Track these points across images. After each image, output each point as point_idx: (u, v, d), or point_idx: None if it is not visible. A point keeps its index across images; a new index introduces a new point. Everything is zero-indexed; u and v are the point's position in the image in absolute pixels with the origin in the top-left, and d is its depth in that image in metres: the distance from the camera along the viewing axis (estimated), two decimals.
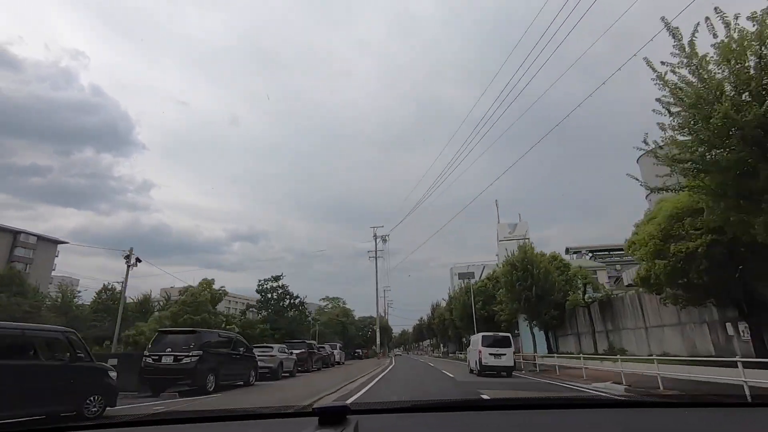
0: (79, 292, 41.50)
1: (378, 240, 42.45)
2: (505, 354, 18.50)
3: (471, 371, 20.98)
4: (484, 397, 9.92)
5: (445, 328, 63.51)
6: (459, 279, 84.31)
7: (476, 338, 20.70)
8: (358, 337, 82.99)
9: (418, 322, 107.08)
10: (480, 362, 18.59)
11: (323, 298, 62.29)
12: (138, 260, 24.86)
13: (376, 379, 17.45)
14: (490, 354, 18.40)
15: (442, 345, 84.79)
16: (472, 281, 46.01)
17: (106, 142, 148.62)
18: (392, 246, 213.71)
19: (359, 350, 60.15)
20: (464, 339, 52.68)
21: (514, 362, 19.44)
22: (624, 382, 12.92)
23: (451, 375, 19.09)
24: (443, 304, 77.39)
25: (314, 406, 1.26)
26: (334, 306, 62.56)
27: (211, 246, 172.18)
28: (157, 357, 12.38)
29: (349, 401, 4.56)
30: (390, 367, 28.12)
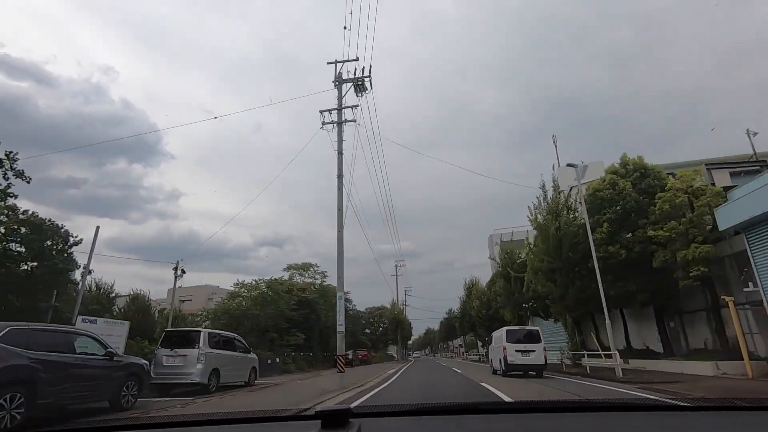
0: None
1: (348, 86, 17.81)
2: (534, 351, 15.88)
3: (494, 372, 18.22)
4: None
5: (493, 314, 38.23)
6: (502, 250, 58.89)
7: (499, 334, 17.83)
8: (361, 334, 58.71)
9: (446, 316, 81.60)
10: (505, 361, 15.96)
11: (287, 267, 37.08)
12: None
13: None
14: (517, 351, 15.93)
15: (479, 343, 59.59)
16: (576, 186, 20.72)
17: (136, 153, 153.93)
18: (414, 249, 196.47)
19: (350, 353, 35.36)
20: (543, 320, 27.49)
21: (546, 360, 15.94)
22: None
23: None
24: (484, 281, 52.07)
25: (317, 409, 1.25)
26: (310, 277, 37.55)
27: (239, 252, 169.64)
28: None
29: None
30: None
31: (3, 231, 11.16)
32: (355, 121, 18.15)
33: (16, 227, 11.37)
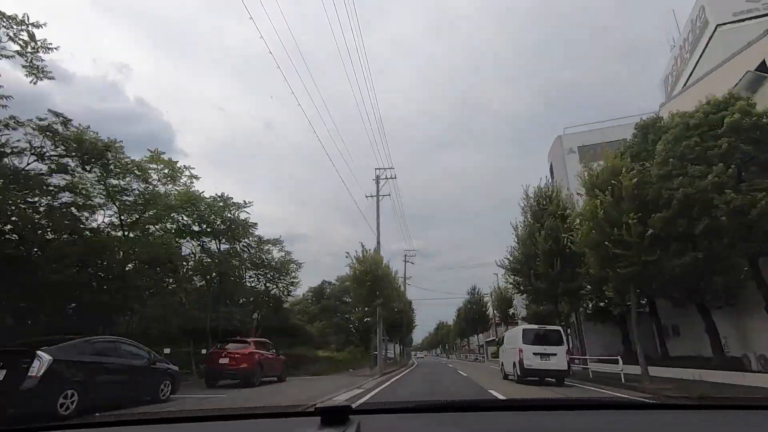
0: None
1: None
2: (555, 354, 13.90)
3: (506, 377, 16.34)
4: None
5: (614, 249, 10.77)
6: (580, 157, 31.19)
7: (513, 333, 16.27)
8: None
9: (469, 296, 53.86)
10: (521, 365, 13.97)
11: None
12: None
13: None
14: (535, 354, 13.93)
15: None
16: None
17: (151, 150, 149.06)
18: (430, 248, 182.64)
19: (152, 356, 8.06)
20: None
21: (569, 365, 14.31)
22: None
23: None
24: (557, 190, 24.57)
25: (317, 406, 1.26)
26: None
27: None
28: None
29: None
30: None
31: None
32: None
33: None
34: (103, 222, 15.14)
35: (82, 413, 7.09)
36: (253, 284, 21.05)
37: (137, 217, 15.32)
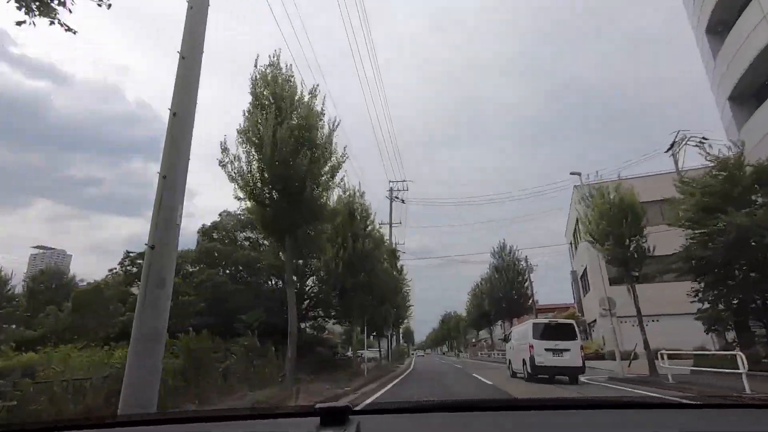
0: None
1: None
2: (568, 350, 13.16)
3: (514, 374, 15.77)
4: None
5: None
6: None
7: (523, 329, 15.48)
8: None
9: (495, 263, 36.62)
10: (531, 362, 13.31)
11: None
12: None
13: None
14: (547, 350, 13.19)
15: None
16: None
17: (152, 152, 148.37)
18: (430, 245, 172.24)
19: None
20: None
21: (583, 362, 13.43)
22: None
23: None
24: None
25: (316, 406, 1.23)
26: None
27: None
28: None
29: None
30: None
31: None
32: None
33: None
34: None
35: None
36: None
37: None
